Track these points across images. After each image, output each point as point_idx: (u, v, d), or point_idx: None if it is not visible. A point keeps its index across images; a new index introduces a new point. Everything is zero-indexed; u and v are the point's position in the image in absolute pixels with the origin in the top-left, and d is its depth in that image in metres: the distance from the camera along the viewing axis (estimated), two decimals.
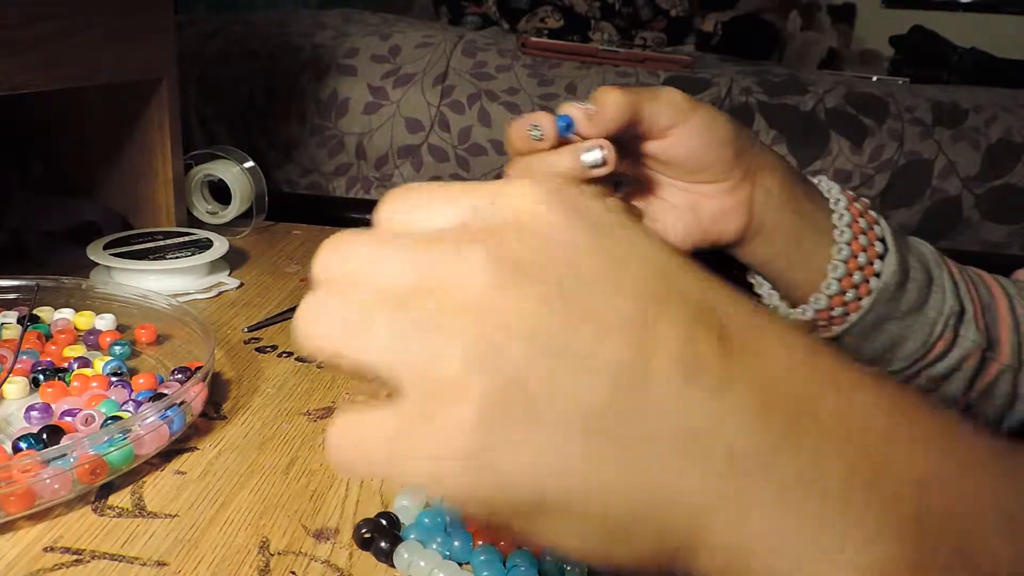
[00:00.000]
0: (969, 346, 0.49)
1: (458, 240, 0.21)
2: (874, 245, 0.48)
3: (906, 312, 0.49)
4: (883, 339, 0.49)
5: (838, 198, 0.49)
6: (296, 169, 1.01)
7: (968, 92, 1.04)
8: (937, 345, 0.49)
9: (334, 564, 0.33)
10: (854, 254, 0.48)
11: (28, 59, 0.53)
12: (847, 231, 0.48)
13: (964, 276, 0.51)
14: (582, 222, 0.22)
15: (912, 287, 0.48)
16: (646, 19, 1.72)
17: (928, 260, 0.50)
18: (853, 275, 0.48)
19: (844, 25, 2.18)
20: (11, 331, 0.49)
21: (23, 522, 0.34)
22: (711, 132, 0.46)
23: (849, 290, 0.48)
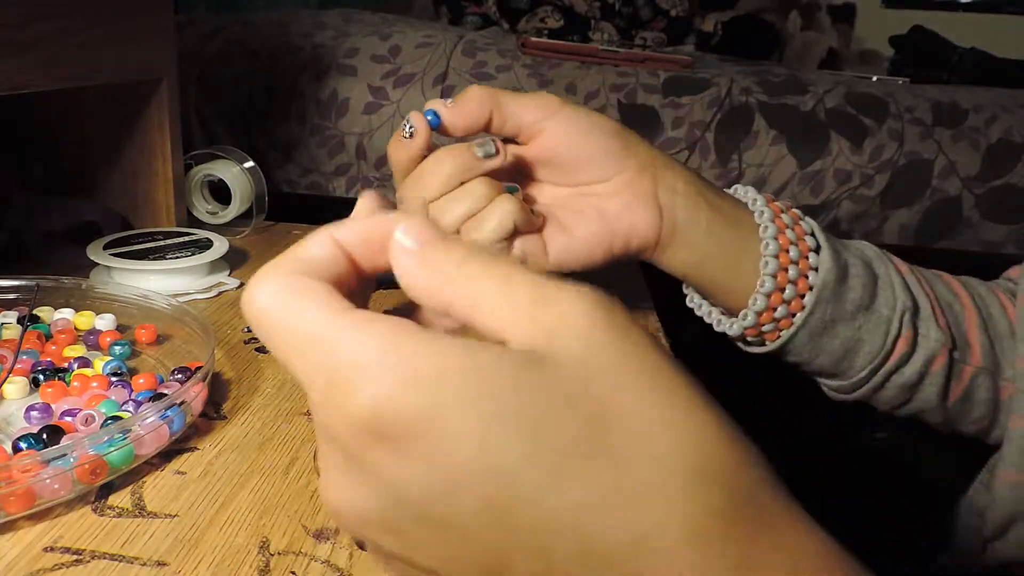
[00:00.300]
0: (933, 345, 0.47)
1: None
2: (804, 240, 0.47)
3: (854, 311, 0.47)
4: (837, 343, 0.47)
5: (754, 197, 0.48)
6: (296, 169, 1.01)
7: (968, 92, 1.04)
8: (897, 345, 0.47)
9: (334, 564, 0.33)
10: (783, 248, 0.46)
11: (28, 59, 0.53)
12: (771, 225, 0.46)
13: (916, 274, 0.49)
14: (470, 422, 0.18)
15: (855, 283, 0.46)
16: (646, 19, 1.72)
17: (871, 258, 0.49)
18: (788, 269, 0.46)
19: (844, 25, 2.18)
20: (11, 331, 0.49)
21: (23, 522, 0.34)
22: (584, 124, 0.45)
23: (787, 286, 0.46)
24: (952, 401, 0.49)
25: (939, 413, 0.49)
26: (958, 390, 0.48)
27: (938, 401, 0.48)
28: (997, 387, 0.48)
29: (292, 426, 0.43)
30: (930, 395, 0.48)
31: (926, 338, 0.47)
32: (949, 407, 0.49)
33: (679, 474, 0.19)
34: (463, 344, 0.19)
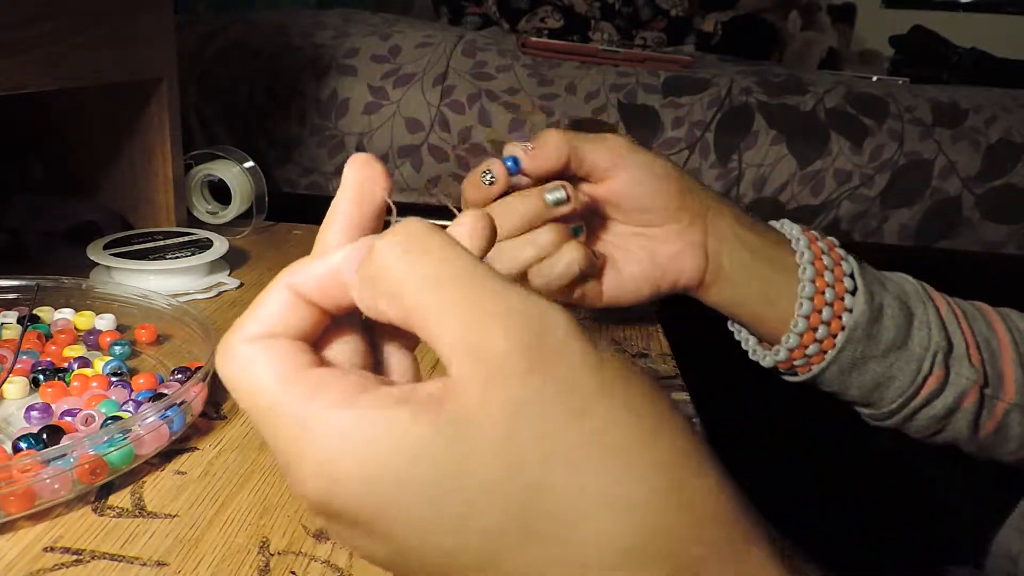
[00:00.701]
0: (964, 384, 0.47)
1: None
2: (842, 281, 0.48)
3: (886, 350, 0.48)
4: (867, 378, 0.48)
5: (798, 237, 0.50)
6: (296, 169, 1.01)
7: (968, 92, 1.04)
8: (928, 382, 0.48)
9: (334, 564, 0.33)
10: (819, 291, 0.48)
11: (28, 59, 0.53)
12: (809, 268, 0.48)
13: (955, 310, 0.50)
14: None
15: (888, 324, 0.48)
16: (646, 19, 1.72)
17: (909, 297, 0.49)
18: (821, 311, 0.47)
19: (844, 25, 2.18)
20: (11, 331, 0.49)
21: (23, 522, 0.34)
22: (648, 173, 0.47)
23: (819, 326, 0.48)
24: (984, 434, 0.49)
25: (972, 444, 0.50)
26: (991, 424, 0.49)
27: (969, 434, 0.49)
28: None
29: None
30: (961, 428, 0.49)
31: (958, 375, 0.48)
32: (981, 439, 0.49)
33: (610, 554, 0.18)
34: (389, 423, 0.19)
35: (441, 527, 0.19)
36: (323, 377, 0.21)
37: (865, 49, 2.22)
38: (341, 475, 0.19)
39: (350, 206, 0.25)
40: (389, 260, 0.20)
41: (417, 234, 0.20)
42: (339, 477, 0.19)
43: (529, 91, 0.99)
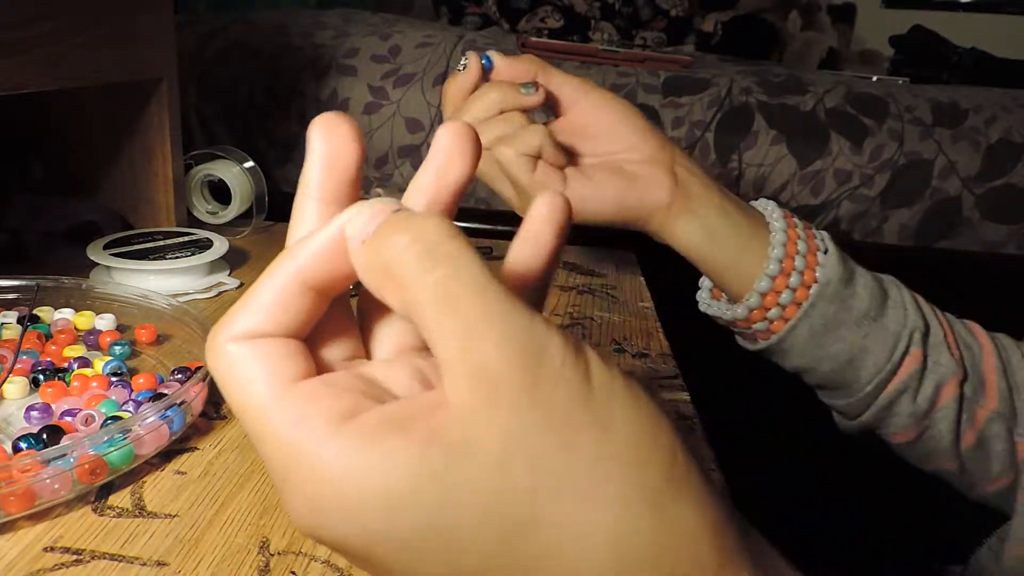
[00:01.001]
0: (944, 371, 0.46)
1: None
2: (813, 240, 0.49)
3: (859, 318, 0.47)
4: (840, 348, 0.47)
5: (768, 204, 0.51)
6: (296, 169, 1.01)
7: (968, 92, 1.04)
8: (905, 361, 0.47)
9: (334, 564, 0.33)
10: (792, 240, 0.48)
11: (28, 59, 0.53)
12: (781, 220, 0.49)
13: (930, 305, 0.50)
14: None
15: (862, 291, 0.47)
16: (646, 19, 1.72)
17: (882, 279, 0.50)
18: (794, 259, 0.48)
19: (844, 25, 2.18)
20: (11, 331, 0.49)
21: (23, 522, 0.34)
22: (613, 103, 0.50)
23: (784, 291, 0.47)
24: (965, 446, 0.48)
25: (953, 459, 0.48)
26: (971, 434, 0.47)
27: (950, 440, 0.47)
28: (1013, 440, 0.47)
29: None
30: (942, 431, 0.47)
31: (937, 363, 0.47)
32: (963, 452, 0.48)
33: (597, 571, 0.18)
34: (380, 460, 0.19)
35: (431, 557, 0.19)
36: (313, 394, 0.20)
37: (865, 49, 2.22)
38: (328, 509, 0.19)
39: (321, 175, 0.23)
40: (404, 260, 0.19)
41: (435, 239, 0.19)
42: (326, 510, 0.19)
43: None
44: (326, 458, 0.19)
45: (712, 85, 1.00)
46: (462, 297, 0.19)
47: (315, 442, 0.19)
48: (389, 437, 0.19)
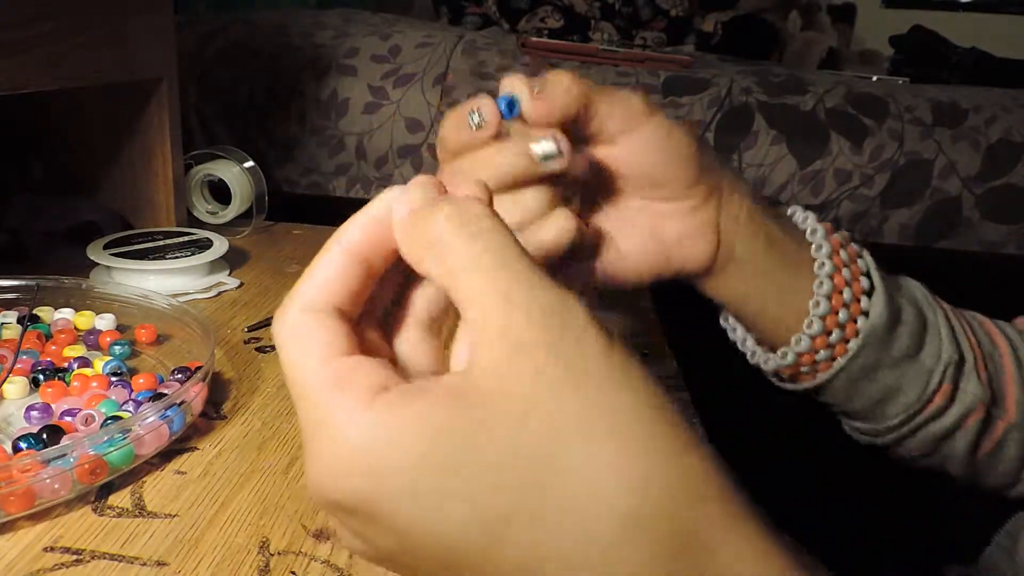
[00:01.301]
0: (970, 401, 0.44)
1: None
2: (859, 280, 0.44)
3: (899, 358, 0.44)
4: (874, 389, 0.45)
5: (815, 228, 0.44)
6: (296, 169, 1.01)
7: (968, 92, 1.04)
8: (935, 397, 0.44)
9: (334, 564, 0.33)
10: (837, 289, 0.43)
11: (28, 59, 0.53)
12: (827, 263, 0.43)
13: (962, 321, 0.47)
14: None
15: (904, 330, 0.44)
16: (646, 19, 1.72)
17: (920, 302, 0.46)
18: (838, 313, 0.43)
19: (844, 25, 2.18)
20: (11, 331, 0.49)
21: (23, 522, 0.34)
22: (667, 143, 0.41)
23: (834, 330, 0.43)
24: (980, 455, 0.47)
25: (964, 466, 0.47)
26: (988, 445, 0.46)
27: (965, 455, 0.46)
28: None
29: (292, 426, 0.43)
30: (959, 448, 0.46)
31: (964, 392, 0.45)
32: (977, 461, 0.47)
33: (611, 523, 0.19)
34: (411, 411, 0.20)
35: (453, 507, 0.20)
36: (355, 366, 0.22)
37: (865, 49, 2.22)
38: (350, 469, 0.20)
39: (361, 235, 0.24)
40: (444, 232, 0.22)
41: (474, 214, 0.22)
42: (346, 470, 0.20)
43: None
44: (356, 423, 0.20)
45: (712, 85, 1.00)
46: (495, 266, 0.21)
47: (348, 408, 0.21)
48: (417, 400, 0.21)
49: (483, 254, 0.21)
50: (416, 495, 0.20)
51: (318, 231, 0.78)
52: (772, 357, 0.46)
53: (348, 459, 0.20)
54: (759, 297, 0.44)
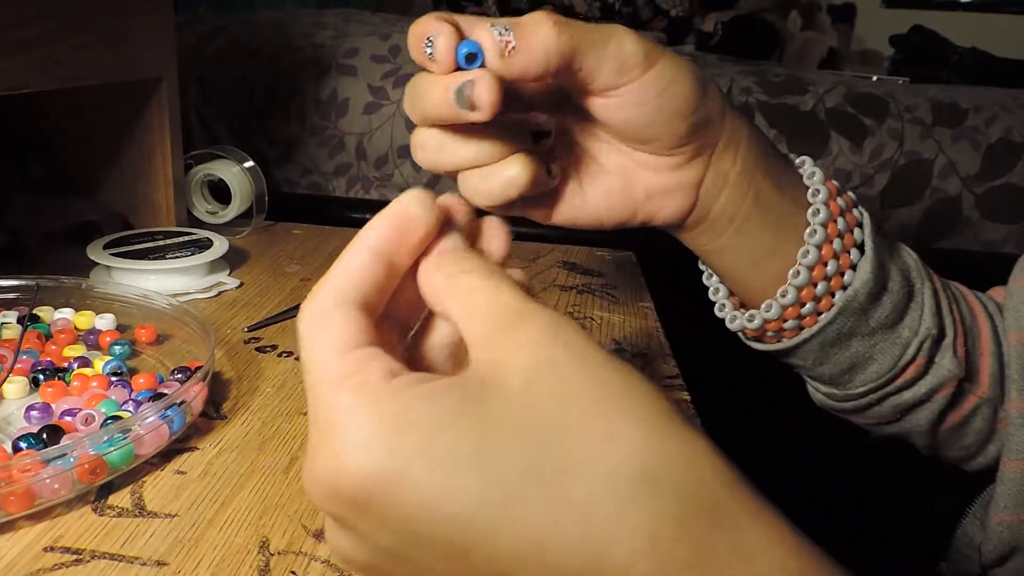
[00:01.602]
0: (944, 375, 0.43)
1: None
2: (848, 253, 0.41)
3: (875, 328, 0.42)
4: (846, 356, 0.43)
5: (817, 188, 0.41)
6: (296, 169, 1.01)
7: (968, 92, 1.04)
8: (907, 370, 0.43)
9: (334, 564, 0.33)
10: (822, 261, 0.41)
11: (28, 59, 0.53)
12: (820, 230, 0.40)
13: (947, 293, 0.45)
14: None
15: (887, 301, 0.42)
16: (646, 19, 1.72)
17: (911, 271, 0.44)
18: (816, 285, 0.41)
19: (844, 25, 2.18)
20: (11, 331, 0.49)
21: (23, 522, 0.34)
22: (661, 101, 0.36)
23: (808, 302, 0.41)
24: (945, 427, 0.46)
25: (926, 437, 0.47)
26: (955, 418, 0.45)
27: (929, 426, 0.45)
28: (996, 417, 0.45)
29: (292, 426, 0.43)
30: (923, 419, 0.45)
31: (939, 367, 0.43)
32: (939, 432, 0.46)
33: (623, 481, 0.19)
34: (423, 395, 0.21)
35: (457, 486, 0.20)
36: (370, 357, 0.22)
37: (865, 49, 2.22)
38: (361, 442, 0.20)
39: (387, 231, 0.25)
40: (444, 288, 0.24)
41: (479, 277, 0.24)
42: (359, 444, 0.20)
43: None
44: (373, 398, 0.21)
45: None
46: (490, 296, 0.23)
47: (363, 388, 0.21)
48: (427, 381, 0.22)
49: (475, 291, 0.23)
50: (430, 466, 0.20)
51: (318, 231, 0.78)
52: (738, 316, 0.44)
53: (363, 437, 0.20)
54: (735, 255, 0.41)
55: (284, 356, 0.51)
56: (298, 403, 0.46)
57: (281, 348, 0.52)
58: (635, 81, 0.35)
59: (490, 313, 0.23)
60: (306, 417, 0.44)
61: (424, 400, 0.21)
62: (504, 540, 0.20)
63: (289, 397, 0.46)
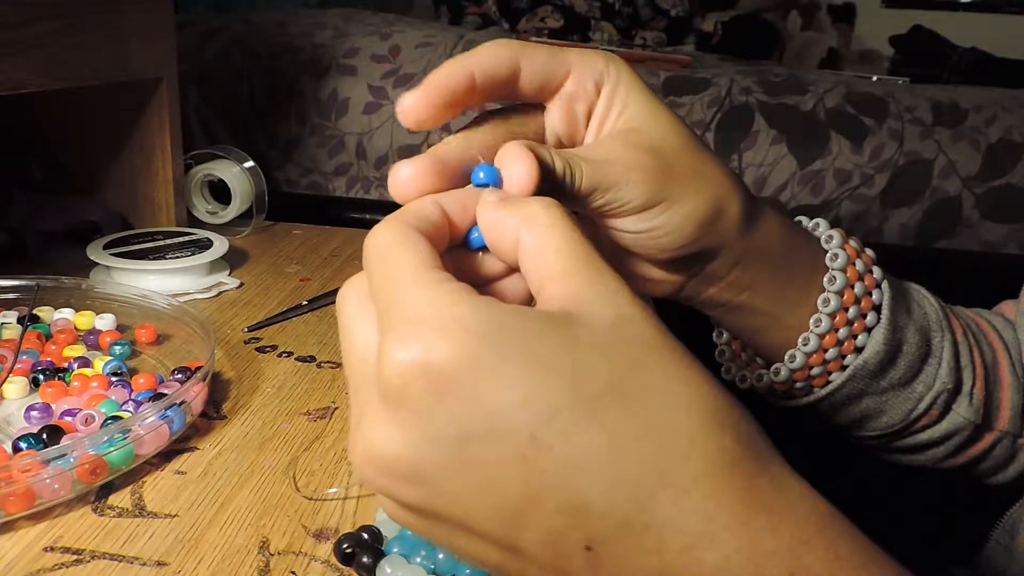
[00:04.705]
0: (959, 422, 0.43)
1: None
2: (865, 317, 0.39)
3: (887, 388, 0.41)
4: (855, 411, 0.42)
5: (836, 253, 0.39)
6: (296, 169, 1.01)
7: (968, 92, 1.04)
8: (921, 420, 0.42)
9: (334, 564, 0.33)
10: (834, 328, 0.39)
11: (28, 59, 0.53)
12: (834, 298, 0.38)
13: (968, 338, 0.44)
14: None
15: (902, 363, 0.41)
16: (646, 19, 1.72)
17: (931, 328, 0.42)
18: (827, 351, 0.39)
19: (844, 25, 2.18)
20: (11, 331, 0.49)
21: (23, 522, 0.34)
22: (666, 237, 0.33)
23: (816, 367, 0.40)
24: (962, 459, 0.45)
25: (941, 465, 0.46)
26: (972, 452, 0.45)
27: (944, 459, 0.45)
28: (1015, 445, 0.45)
29: (292, 426, 0.43)
30: (938, 454, 0.45)
31: (955, 414, 0.42)
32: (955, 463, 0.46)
33: (696, 416, 0.21)
34: (513, 307, 0.22)
35: (547, 383, 0.20)
36: (445, 276, 0.23)
37: (865, 49, 2.22)
38: (462, 328, 0.21)
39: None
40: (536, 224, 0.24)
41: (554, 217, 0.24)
42: (461, 329, 0.21)
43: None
44: (466, 299, 0.21)
45: (712, 85, 1.00)
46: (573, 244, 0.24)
47: (455, 290, 0.22)
48: (508, 304, 0.22)
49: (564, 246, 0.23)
50: (526, 364, 0.20)
51: (318, 231, 0.78)
52: (765, 373, 0.42)
53: (462, 327, 0.21)
54: (742, 319, 0.39)
55: (284, 356, 0.51)
56: (298, 403, 0.46)
57: (281, 348, 0.52)
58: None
59: (570, 252, 0.23)
60: (307, 417, 0.44)
61: (515, 314, 0.21)
62: (584, 443, 0.20)
63: (289, 397, 0.46)
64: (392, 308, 0.22)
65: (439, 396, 0.20)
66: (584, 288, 0.23)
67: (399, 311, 0.22)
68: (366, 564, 0.32)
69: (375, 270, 0.23)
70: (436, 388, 0.20)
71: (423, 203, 0.25)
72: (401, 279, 0.22)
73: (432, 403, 0.21)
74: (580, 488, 0.20)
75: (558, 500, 0.21)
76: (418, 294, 0.22)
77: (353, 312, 0.25)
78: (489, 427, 0.20)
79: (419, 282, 0.22)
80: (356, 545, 0.33)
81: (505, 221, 0.24)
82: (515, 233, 0.24)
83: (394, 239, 0.23)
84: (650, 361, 0.22)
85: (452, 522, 0.22)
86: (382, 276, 0.23)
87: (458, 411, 0.20)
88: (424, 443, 0.21)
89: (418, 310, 0.21)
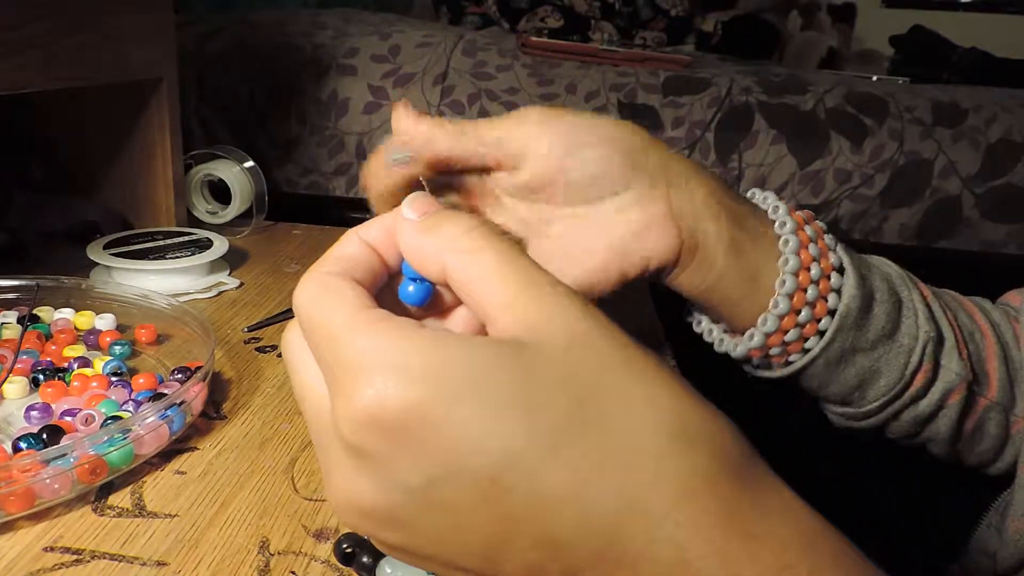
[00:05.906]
0: (953, 379, 0.44)
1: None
2: (827, 256, 0.42)
3: (875, 340, 0.43)
4: (852, 373, 0.44)
5: (775, 204, 0.43)
6: (296, 169, 1.01)
7: (968, 92, 1.04)
8: (916, 378, 0.44)
9: (334, 564, 0.33)
10: (804, 266, 0.41)
11: (28, 59, 0.53)
12: (792, 238, 0.41)
13: (940, 301, 0.46)
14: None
15: (879, 310, 0.43)
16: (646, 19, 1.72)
17: (894, 280, 0.45)
18: (806, 290, 0.41)
19: (844, 25, 2.18)
20: (11, 331, 0.49)
21: (23, 522, 0.34)
22: (577, 139, 0.38)
23: (803, 308, 0.42)
24: (964, 435, 0.46)
25: (946, 446, 0.47)
26: (971, 424, 0.46)
27: (948, 435, 0.46)
28: (1008, 422, 0.46)
29: (292, 426, 0.43)
30: (942, 428, 0.46)
31: (947, 370, 0.44)
32: (960, 441, 0.47)
33: (663, 436, 0.21)
34: (459, 339, 0.21)
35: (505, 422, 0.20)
36: (382, 314, 0.22)
37: (865, 49, 2.22)
38: (409, 372, 0.20)
39: None
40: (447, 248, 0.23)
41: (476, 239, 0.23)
42: (408, 373, 0.20)
43: (529, 91, 0.99)
44: (411, 336, 0.21)
45: (712, 85, 1.00)
46: (509, 260, 0.23)
47: (399, 328, 0.21)
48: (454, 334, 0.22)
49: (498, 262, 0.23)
50: (479, 403, 0.20)
51: (318, 231, 0.78)
52: (740, 341, 0.44)
53: (408, 370, 0.20)
54: (726, 284, 0.42)
55: None
56: (298, 403, 0.46)
57: (281, 348, 0.52)
58: (541, 133, 0.39)
59: (505, 277, 0.22)
60: None
61: (463, 345, 0.21)
62: (547, 480, 0.20)
63: (289, 397, 0.46)
64: (334, 362, 0.22)
65: (397, 444, 0.20)
66: (531, 312, 0.22)
67: (340, 364, 0.21)
68: (366, 564, 0.32)
69: (307, 327, 0.23)
70: (391, 437, 0.20)
71: (342, 244, 0.25)
72: (335, 330, 0.22)
73: (391, 451, 0.21)
74: (549, 524, 0.20)
75: (531, 536, 0.20)
76: (356, 342, 0.21)
77: (298, 361, 0.24)
78: (447, 472, 0.20)
79: (354, 329, 0.22)
80: (356, 545, 0.33)
81: (424, 251, 0.24)
82: (439, 259, 0.23)
83: (317, 292, 0.23)
84: (609, 383, 0.21)
85: (436, 560, 0.22)
86: (315, 332, 0.23)
87: (417, 456, 0.20)
88: (393, 490, 0.21)
89: (358, 359, 0.21)
